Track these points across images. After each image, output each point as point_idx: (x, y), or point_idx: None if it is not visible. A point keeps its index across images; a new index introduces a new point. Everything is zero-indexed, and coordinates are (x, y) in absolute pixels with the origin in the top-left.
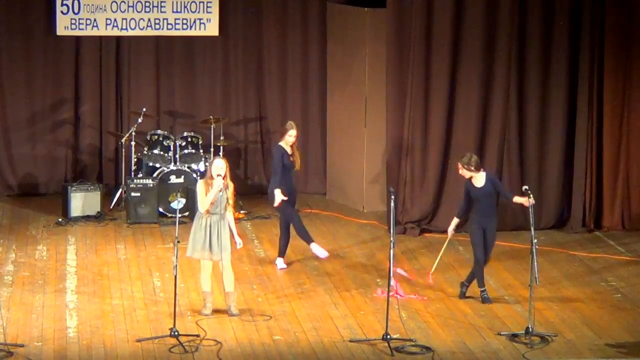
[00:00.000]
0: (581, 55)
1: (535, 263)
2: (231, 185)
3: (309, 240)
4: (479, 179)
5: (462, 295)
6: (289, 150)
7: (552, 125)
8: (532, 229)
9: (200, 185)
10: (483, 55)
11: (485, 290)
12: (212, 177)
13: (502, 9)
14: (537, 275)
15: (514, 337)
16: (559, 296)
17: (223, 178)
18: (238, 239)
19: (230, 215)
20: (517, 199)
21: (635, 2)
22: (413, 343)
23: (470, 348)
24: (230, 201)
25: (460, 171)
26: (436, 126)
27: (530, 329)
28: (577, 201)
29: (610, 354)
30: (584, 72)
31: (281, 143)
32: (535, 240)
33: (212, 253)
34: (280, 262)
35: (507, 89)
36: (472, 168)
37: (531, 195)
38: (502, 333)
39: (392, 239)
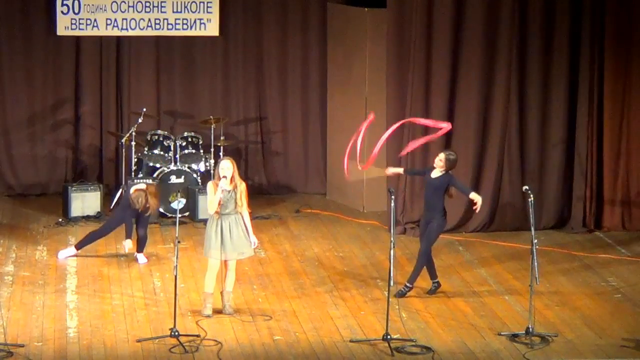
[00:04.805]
0: (581, 55)
1: (536, 263)
2: (242, 185)
3: (79, 245)
4: (437, 172)
5: (400, 295)
6: None
7: (552, 125)
8: (532, 229)
9: (209, 186)
10: (483, 55)
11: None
12: (219, 178)
13: (503, 9)
14: (537, 276)
15: (514, 337)
16: (559, 296)
17: (230, 179)
18: (253, 238)
19: (245, 214)
20: (472, 195)
21: (635, 2)
22: (413, 343)
23: (470, 348)
24: (243, 200)
25: (439, 161)
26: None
27: (531, 329)
28: (577, 201)
29: (611, 354)
30: (584, 72)
31: None
32: (536, 241)
33: (225, 252)
34: (141, 257)
35: (508, 89)
36: (446, 164)
37: (531, 195)
38: (502, 333)
39: (392, 239)
